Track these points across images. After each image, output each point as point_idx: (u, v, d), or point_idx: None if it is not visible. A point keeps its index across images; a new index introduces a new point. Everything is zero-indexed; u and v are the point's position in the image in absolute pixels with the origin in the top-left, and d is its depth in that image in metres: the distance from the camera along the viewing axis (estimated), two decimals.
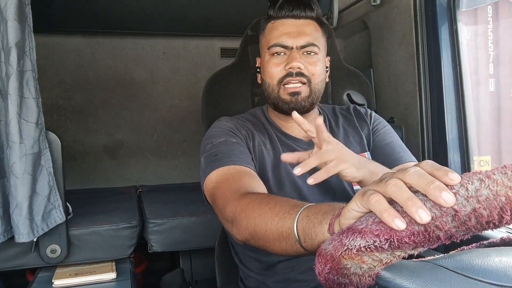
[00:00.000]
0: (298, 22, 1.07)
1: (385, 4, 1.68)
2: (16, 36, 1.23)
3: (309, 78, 1.07)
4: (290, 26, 1.07)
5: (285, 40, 1.06)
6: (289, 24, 1.07)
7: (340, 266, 0.47)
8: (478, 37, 1.64)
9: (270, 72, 1.08)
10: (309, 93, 1.07)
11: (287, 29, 1.06)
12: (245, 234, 0.77)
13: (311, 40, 1.06)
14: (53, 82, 2.62)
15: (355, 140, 1.18)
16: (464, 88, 1.45)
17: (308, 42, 1.06)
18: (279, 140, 1.14)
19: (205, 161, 1.01)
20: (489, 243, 0.60)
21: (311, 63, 1.07)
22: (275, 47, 1.07)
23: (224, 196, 0.88)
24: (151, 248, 1.70)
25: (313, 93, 1.08)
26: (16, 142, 1.26)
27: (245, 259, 1.17)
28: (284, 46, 1.06)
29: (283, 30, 1.07)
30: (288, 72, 1.05)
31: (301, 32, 1.06)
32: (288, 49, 1.06)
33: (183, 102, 2.85)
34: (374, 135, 1.20)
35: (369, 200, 0.47)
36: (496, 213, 0.42)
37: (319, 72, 1.08)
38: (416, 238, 0.43)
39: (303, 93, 1.07)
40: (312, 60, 1.07)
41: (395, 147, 1.16)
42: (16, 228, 1.30)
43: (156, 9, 2.26)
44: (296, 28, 1.06)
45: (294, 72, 1.05)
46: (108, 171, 2.75)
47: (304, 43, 1.06)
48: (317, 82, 1.08)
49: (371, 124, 1.21)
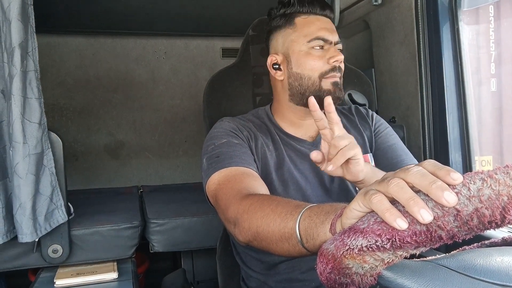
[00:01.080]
0: (327, 20, 1.11)
1: (386, 4, 1.68)
2: (20, 37, 1.23)
3: (342, 73, 1.10)
4: (325, 22, 1.10)
5: (326, 35, 1.08)
6: (324, 21, 1.10)
7: (341, 265, 0.47)
8: (480, 36, 1.64)
9: (312, 65, 1.08)
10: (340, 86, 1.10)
11: (324, 24, 1.09)
12: (248, 235, 0.77)
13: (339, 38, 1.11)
14: (54, 82, 2.62)
15: (357, 141, 1.17)
16: (466, 87, 1.45)
17: (339, 40, 1.10)
18: (282, 141, 1.13)
19: (207, 162, 1.01)
20: (491, 243, 0.60)
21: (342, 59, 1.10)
22: (317, 40, 1.07)
23: (226, 197, 0.88)
24: (153, 248, 1.70)
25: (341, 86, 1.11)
26: (20, 142, 1.26)
27: (246, 259, 1.17)
28: (325, 40, 1.08)
29: (321, 25, 1.09)
30: (332, 66, 1.07)
31: (333, 29, 1.10)
32: (327, 43, 1.08)
33: (184, 102, 2.85)
34: (376, 137, 1.20)
35: (371, 199, 0.47)
36: (498, 212, 0.42)
37: None
38: (418, 238, 0.43)
39: (340, 84, 1.10)
40: (342, 56, 1.09)
41: (397, 150, 1.17)
42: (20, 228, 1.30)
43: (157, 9, 2.27)
44: (329, 25, 1.10)
45: (337, 66, 1.07)
46: (109, 171, 2.75)
47: (337, 40, 1.09)
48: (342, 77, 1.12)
49: (373, 126, 1.21)
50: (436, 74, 1.49)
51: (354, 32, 2.04)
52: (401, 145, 1.19)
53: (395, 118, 1.68)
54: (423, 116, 1.53)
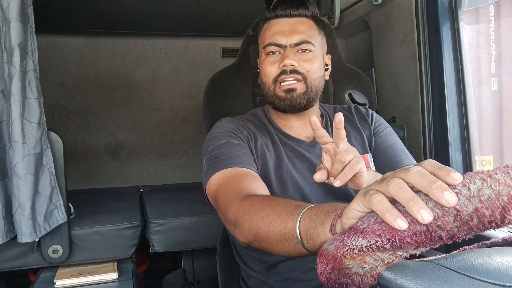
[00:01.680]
0: (292, 21, 1.08)
1: (386, 4, 1.68)
2: (19, 37, 1.23)
3: (304, 74, 1.06)
4: (284, 24, 1.07)
5: (278, 39, 1.06)
6: (282, 23, 1.08)
7: (341, 266, 0.47)
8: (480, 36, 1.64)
9: (265, 71, 1.09)
10: (305, 90, 1.07)
11: (281, 28, 1.07)
12: (248, 236, 0.77)
13: (305, 37, 1.06)
14: (54, 82, 2.62)
15: (357, 141, 1.17)
16: (466, 87, 1.45)
17: (301, 40, 1.06)
18: (281, 141, 1.13)
19: (207, 163, 1.01)
20: (491, 243, 0.60)
21: (306, 60, 1.07)
22: (270, 46, 1.07)
23: (226, 198, 0.88)
24: (153, 248, 1.70)
25: (310, 89, 1.08)
26: (19, 142, 1.26)
27: (246, 259, 1.17)
28: (277, 45, 1.06)
29: (276, 29, 1.07)
30: (282, 70, 1.06)
31: (294, 30, 1.06)
32: (282, 47, 1.06)
33: (184, 102, 2.85)
34: (375, 137, 1.20)
35: (371, 200, 0.47)
36: (498, 212, 0.42)
37: (315, 69, 1.08)
38: (418, 238, 0.43)
39: (299, 90, 1.07)
40: (307, 57, 1.07)
41: (397, 150, 1.16)
42: (19, 228, 1.30)
43: (157, 9, 2.27)
44: (289, 26, 1.07)
45: (288, 70, 1.05)
46: (109, 171, 2.75)
47: (298, 41, 1.06)
48: (313, 78, 1.08)
49: (373, 125, 1.21)
50: (436, 73, 1.49)
51: (354, 32, 2.04)
52: (400, 145, 1.19)
53: (395, 118, 1.68)
54: (423, 116, 1.53)
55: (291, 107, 1.08)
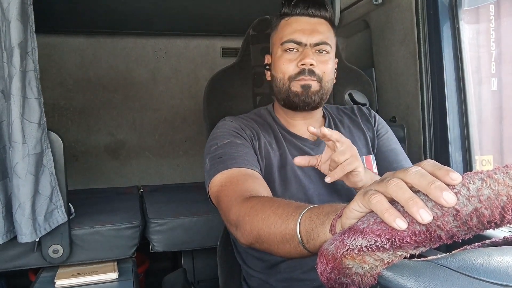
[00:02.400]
0: (312, 21, 1.08)
1: (386, 3, 1.68)
2: (19, 37, 1.23)
3: (320, 76, 1.07)
4: (304, 23, 1.07)
5: (299, 37, 1.06)
6: (303, 22, 1.07)
7: (341, 266, 0.47)
8: (480, 35, 1.64)
9: (282, 68, 1.08)
10: (319, 89, 1.08)
11: (301, 26, 1.07)
12: (250, 237, 0.78)
13: (324, 38, 1.07)
14: (54, 82, 2.62)
15: (360, 141, 1.18)
16: (466, 87, 1.45)
17: (321, 40, 1.06)
18: (285, 139, 1.13)
19: (210, 163, 1.01)
20: (492, 243, 0.60)
21: (323, 61, 1.07)
22: (289, 43, 1.07)
23: (228, 199, 0.88)
24: (153, 248, 1.70)
25: (323, 89, 1.09)
26: (19, 142, 1.26)
27: (247, 258, 1.17)
28: (297, 43, 1.06)
29: (297, 26, 1.07)
30: (301, 69, 1.06)
31: (314, 30, 1.06)
32: (302, 45, 1.06)
33: (184, 102, 2.85)
34: (378, 139, 1.20)
35: (370, 200, 0.47)
36: (498, 212, 0.42)
37: (330, 71, 1.09)
38: (418, 238, 0.43)
39: (314, 87, 1.07)
40: (324, 58, 1.07)
41: (398, 154, 1.18)
42: (19, 228, 1.30)
43: (157, 9, 2.26)
44: (310, 25, 1.07)
45: (306, 69, 1.05)
46: (109, 171, 2.75)
47: (318, 41, 1.06)
48: (327, 80, 1.09)
49: (376, 127, 1.22)
50: (437, 73, 1.49)
51: (354, 32, 2.04)
52: (400, 149, 1.21)
53: (395, 118, 1.68)
54: (424, 116, 1.53)
55: (305, 104, 1.08)
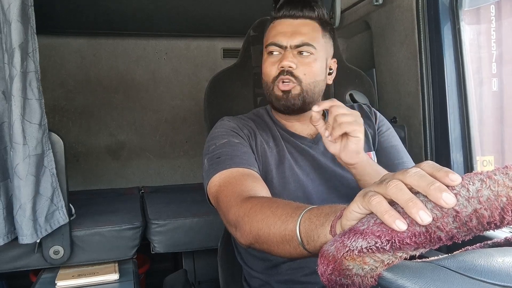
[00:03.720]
0: (295, 22, 1.07)
1: (387, 4, 1.68)
2: (20, 38, 1.23)
3: (300, 78, 1.06)
4: (287, 25, 1.07)
5: (280, 39, 1.06)
6: (286, 24, 1.07)
7: (342, 267, 0.47)
8: (481, 36, 1.63)
9: (265, 71, 1.10)
10: (300, 92, 1.06)
11: (283, 28, 1.07)
12: (249, 238, 0.78)
13: (306, 39, 1.05)
14: (55, 83, 2.63)
15: None
16: (467, 87, 1.45)
17: (302, 42, 1.05)
18: (283, 137, 1.13)
19: (208, 163, 1.01)
20: (493, 243, 0.60)
21: (304, 63, 1.06)
22: (271, 46, 1.08)
23: (227, 200, 0.88)
24: (154, 249, 1.70)
25: (305, 92, 1.07)
26: (20, 143, 1.26)
27: (248, 259, 1.17)
28: (278, 45, 1.06)
29: (279, 29, 1.07)
30: (280, 71, 1.06)
31: (296, 32, 1.06)
32: (283, 48, 1.06)
33: (185, 102, 2.85)
34: (379, 136, 1.20)
35: (370, 201, 0.47)
36: (497, 213, 0.42)
37: (314, 72, 1.07)
38: (418, 239, 0.43)
39: (294, 91, 1.06)
40: (305, 60, 1.06)
41: (399, 151, 1.17)
42: (20, 229, 1.30)
43: (158, 10, 2.27)
44: (291, 27, 1.06)
45: (285, 71, 1.05)
46: (110, 172, 2.76)
47: (298, 43, 1.05)
48: (308, 82, 1.07)
49: (377, 124, 1.21)
50: (437, 74, 1.49)
51: (355, 33, 2.04)
52: (402, 147, 1.20)
53: (396, 118, 1.68)
54: (424, 116, 1.53)
55: (286, 108, 1.08)
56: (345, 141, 0.90)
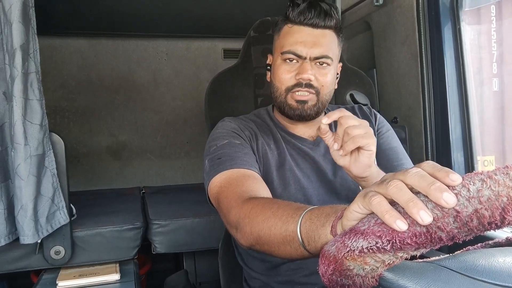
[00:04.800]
0: (316, 32, 1.04)
1: (387, 4, 1.68)
2: (21, 39, 1.23)
3: (318, 89, 1.05)
4: (307, 35, 1.03)
5: (299, 49, 1.03)
6: (306, 33, 1.03)
7: (343, 267, 0.47)
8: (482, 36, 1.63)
9: (280, 78, 1.07)
10: (316, 102, 1.07)
11: (303, 37, 1.03)
12: (250, 239, 0.77)
13: (325, 51, 1.03)
14: (56, 84, 2.63)
15: None
16: (468, 87, 1.45)
17: (322, 54, 1.03)
18: (284, 139, 1.13)
19: (209, 164, 1.01)
20: (494, 243, 0.60)
21: (322, 74, 1.05)
22: (288, 54, 1.04)
23: (227, 201, 0.88)
24: (155, 249, 1.70)
25: (320, 102, 1.07)
26: (21, 144, 1.26)
27: (248, 260, 1.17)
28: (297, 55, 1.03)
29: (299, 38, 1.03)
30: (298, 82, 1.04)
31: (316, 43, 1.03)
32: (301, 58, 1.04)
33: (186, 103, 2.85)
34: (378, 137, 1.19)
35: (371, 201, 0.47)
36: (498, 213, 0.42)
37: (329, 83, 1.07)
38: (418, 239, 0.43)
39: (310, 102, 1.06)
40: (323, 71, 1.05)
41: (399, 153, 1.16)
42: (21, 230, 1.30)
43: (159, 11, 2.27)
44: (312, 38, 1.03)
45: (304, 83, 1.04)
46: (111, 172, 2.76)
47: (318, 55, 1.03)
48: (325, 93, 1.07)
49: (376, 126, 1.21)
50: (438, 74, 1.49)
51: (356, 33, 2.04)
52: (401, 148, 1.19)
53: (397, 119, 1.68)
54: (425, 116, 1.53)
55: (300, 117, 1.08)
56: (356, 155, 0.85)
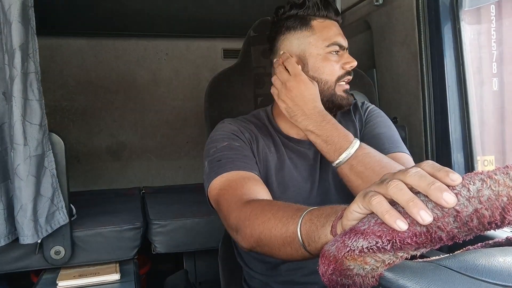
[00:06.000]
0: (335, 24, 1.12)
1: (387, 4, 1.68)
2: (20, 39, 1.23)
3: None
4: (336, 27, 1.11)
5: (341, 40, 1.09)
6: (334, 25, 1.11)
7: (343, 267, 0.47)
8: (481, 36, 1.63)
9: (329, 70, 1.09)
10: None
11: (336, 29, 1.11)
12: (250, 241, 0.78)
13: None
14: (56, 84, 2.63)
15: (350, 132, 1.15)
16: (468, 87, 1.45)
17: None
18: (283, 142, 1.13)
19: (209, 166, 1.01)
20: (495, 243, 0.60)
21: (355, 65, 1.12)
22: (335, 46, 1.09)
23: (227, 203, 0.88)
24: (155, 249, 1.70)
25: None
26: (20, 144, 1.26)
27: (248, 260, 1.17)
28: (341, 46, 1.10)
29: (336, 30, 1.10)
30: (347, 70, 1.10)
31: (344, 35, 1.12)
32: (342, 49, 1.10)
33: (185, 103, 2.85)
34: (365, 126, 1.18)
35: (371, 201, 0.47)
36: (498, 213, 0.42)
37: None
38: (418, 239, 0.43)
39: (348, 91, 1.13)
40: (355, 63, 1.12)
41: (382, 139, 1.12)
42: (21, 230, 1.30)
43: (159, 11, 2.27)
44: (338, 29, 1.12)
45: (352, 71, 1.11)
46: (111, 172, 2.76)
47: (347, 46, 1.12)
48: None
49: (365, 116, 1.20)
50: (438, 74, 1.49)
51: (356, 33, 2.04)
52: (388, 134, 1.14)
53: (396, 118, 1.68)
54: (425, 116, 1.53)
55: (349, 105, 1.13)
56: None
